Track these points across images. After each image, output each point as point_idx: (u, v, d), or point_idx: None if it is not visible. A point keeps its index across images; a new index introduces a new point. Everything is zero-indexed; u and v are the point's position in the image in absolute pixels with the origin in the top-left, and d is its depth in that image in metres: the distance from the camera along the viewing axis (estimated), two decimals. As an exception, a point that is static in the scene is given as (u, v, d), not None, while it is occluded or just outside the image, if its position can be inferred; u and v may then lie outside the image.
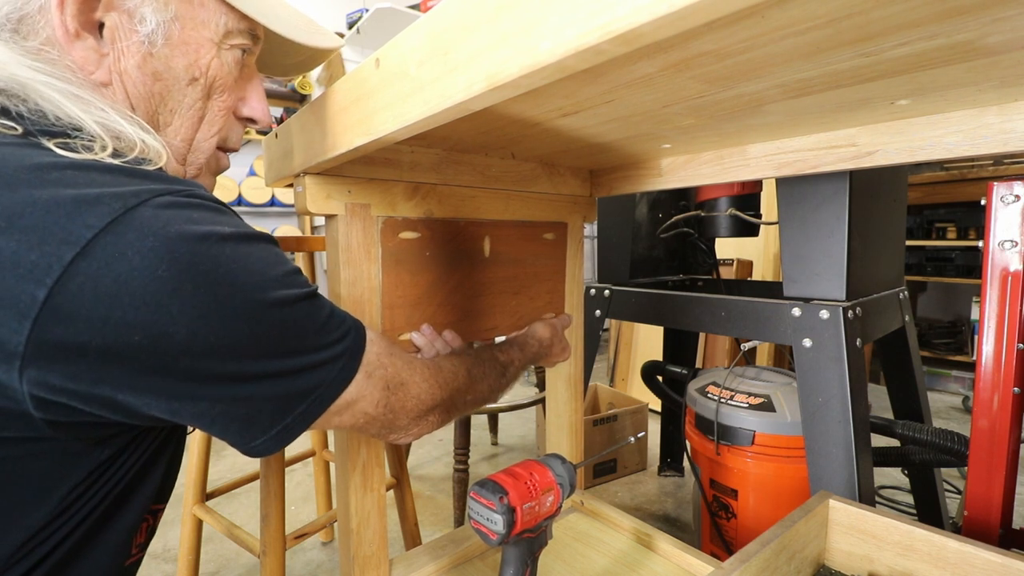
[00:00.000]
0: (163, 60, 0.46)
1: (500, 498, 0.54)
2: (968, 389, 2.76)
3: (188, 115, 0.49)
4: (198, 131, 0.50)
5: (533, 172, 0.85)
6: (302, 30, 0.53)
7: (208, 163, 0.54)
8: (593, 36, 0.26)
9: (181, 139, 0.50)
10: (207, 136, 0.51)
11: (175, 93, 0.47)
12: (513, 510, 0.54)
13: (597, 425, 1.86)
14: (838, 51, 0.39)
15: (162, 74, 0.46)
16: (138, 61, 0.45)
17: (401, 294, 0.71)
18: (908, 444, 1.02)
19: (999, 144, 0.55)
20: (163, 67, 0.46)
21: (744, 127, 0.64)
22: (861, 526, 0.63)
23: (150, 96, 0.46)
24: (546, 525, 0.59)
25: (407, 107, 0.40)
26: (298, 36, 0.52)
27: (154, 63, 0.45)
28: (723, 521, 1.13)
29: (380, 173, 0.67)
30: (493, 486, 0.55)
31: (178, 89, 0.47)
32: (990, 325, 0.77)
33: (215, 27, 0.47)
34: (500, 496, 0.54)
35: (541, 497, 0.57)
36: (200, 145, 0.51)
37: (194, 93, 0.48)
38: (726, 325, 1.00)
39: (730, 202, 1.30)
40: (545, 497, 0.57)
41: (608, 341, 3.06)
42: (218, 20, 0.47)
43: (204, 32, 0.47)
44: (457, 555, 0.83)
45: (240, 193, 3.41)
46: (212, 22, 0.47)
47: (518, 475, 0.57)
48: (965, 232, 2.73)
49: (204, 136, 0.51)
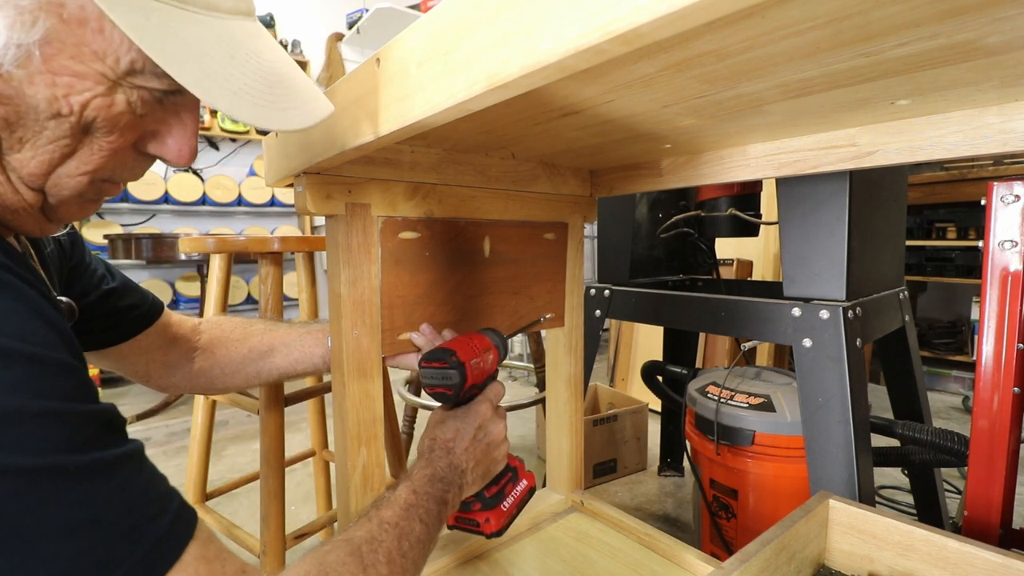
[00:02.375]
0: (13, 83, 0.35)
1: (451, 356, 0.60)
2: (968, 389, 2.76)
3: (46, 149, 0.38)
4: (61, 166, 0.40)
5: (533, 172, 0.85)
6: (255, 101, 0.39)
7: (83, 193, 0.42)
8: (594, 36, 0.26)
9: (30, 172, 0.39)
10: (73, 173, 0.40)
11: (28, 123, 0.37)
12: (464, 364, 0.61)
13: (597, 425, 1.86)
14: (838, 51, 0.39)
15: (10, 99, 0.36)
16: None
17: (401, 294, 0.71)
18: (908, 444, 1.02)
19: (999, 144, 0.55)
20: (12, 92, 0.35)
21: (744, 127, 0.64)
22: (861, 526, 0.63)
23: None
24: (489, 383, 0.67)
25: (407, 107, 0.40)
26: (240, 112, 0.38)
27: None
28: (723, 521, 1.13)
29: (380, 173, 0.67)
30: (441, 351, 0.62)
31: (33, 120, 0.37)
32: (990, 325, 0.77)
33: (112, 61, 0.37)
34: (451, 355, 0.61)
35: (483, 355, 0.64)
36: (64, 181, 0.40)
37: (58, 129, 0.37)
38: (726, 325, 1.00)
39: (730, 202, 1.30)
40: (486, 355, 0.65)
41: (608, 341, 3.06)
42: (120, 53, 0.37)
43: (92, 64, 0.36)
44: (457, 555, 0.83)
45: (240, 193, 3.41)
46: (109, 54, 0.36)
47: (459, 340, 0.65)
48: (965, 232, 2.73)
49: (69, 172, 0.40)
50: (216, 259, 1.13)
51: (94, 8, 0.35)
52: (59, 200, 0.42)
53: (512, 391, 3.01)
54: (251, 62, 0.40)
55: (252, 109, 0.39)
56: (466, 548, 0.84)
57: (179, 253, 2.97)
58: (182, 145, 0.44)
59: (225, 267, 1.13)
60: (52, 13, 0.34)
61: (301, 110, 0.43)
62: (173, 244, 2.93)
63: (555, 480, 1.02)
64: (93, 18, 0.35)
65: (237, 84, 0.39)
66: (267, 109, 0.40)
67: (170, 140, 0.43)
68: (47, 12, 0.34)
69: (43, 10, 0.34)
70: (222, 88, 0.38)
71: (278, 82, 0.42)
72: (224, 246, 1.09)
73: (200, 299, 3.18)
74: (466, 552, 0.84)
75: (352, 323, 0.65)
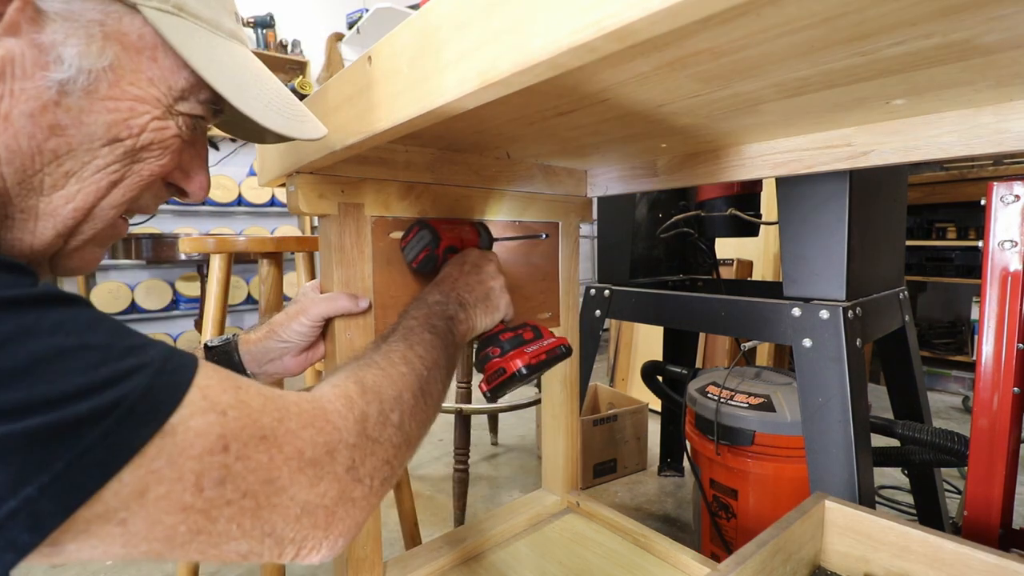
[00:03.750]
0: (73, 114, 0.35)
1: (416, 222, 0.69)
2: (968, 389, 2.75)
3: (94, 179, 0.38)
4: (106, 197, 0.39)
5: (528, 172, 0.84)
6: (280, 113, 0.43)
7: (100, 234, 0.41)
8: (586, 33, 0.26)
9: (74, 207, 0.38)
10: (115, 203, 0.40)
11: (79, 153, 0.36)
12: (432, 225, 0.68)
13: (597, 425, 1.86)
14: (833, 50, 0.39)
15: (66, 129, 0.35)
16: (34, 109, 0.34)
17: (393, 294, 0.70)
18: (908, 444, 1.02)
19: (994, 144, 0.55)
20: (71, 121, 0.35)
21: (740, 127, 0.63)
22: (857, 527, 0.63)
23: (35, 153, 0.35)
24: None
25: (399, 105, 0.40)
26: (273, 122, 0.42)
27: (58, 115, 0.35)
28: (723, 521, 1.13)
29: (374, 172, 0.66)
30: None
31: (85, 149, 0.36)
32: (990, 325, 0.77)
33: (165, 87, 0.38)
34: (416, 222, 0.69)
35: (457, 227, 0.71)
36: (101, 213, 0.39)
37: (111, 155, 0.37)
38: (726, 325, 1.00)
39: (730, 202, 1.29)
40: (461, 227, 0.72)
41: (608, 341, 3.06)
42: (172, 80, 0.38)
43: (149, 90, 0.38)
44: (453, 557, 0.83)
45: (240, 193, 3.41)
46: (163, 81, 0.38)
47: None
48: (965, 232, 2.73)
49: (112, 203, 0.39)
50: (216, 259, 1.13)
51: (151, 37, 0.37)
52: (81, 241, 0.40)
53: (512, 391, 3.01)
54: (270, 80, 0.45)
55: (280, 120, 0.43)
56: (461, 550, 0.84)
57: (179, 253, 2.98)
58: (203, 179, 0.46)
59: (225, 267, 1.13)
60: (116, 41, 0.36)
61: (313, 122, 0.47)
62: (173, 244, 2.93)
63: (551, 481, 1.02)
64: (149, 47, 0.37)
65: (266, 98, 0.42)
66: (291, 120, 0.44)
67: (195, 173, 0.45)
68: (112, 40, 0.36)
69: (109, 39, 0.36)
70: (257, 101, 0.41)
71: (289, 97, 0.45)
72: (224, 246, 1.08)
73: (200, 299, 3.18)
74: (462, 554, 0.84)
75: (345, 324, 0.65)
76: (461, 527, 0.90)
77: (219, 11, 0.41)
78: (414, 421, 0.44)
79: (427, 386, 0.47)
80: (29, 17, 0.33)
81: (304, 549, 0.35)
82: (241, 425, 0.32)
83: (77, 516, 0.26)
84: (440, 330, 0.54)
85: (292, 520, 0.33)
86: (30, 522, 0.24)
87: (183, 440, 0.29)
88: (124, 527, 0.28)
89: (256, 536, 0.32)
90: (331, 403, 0.39)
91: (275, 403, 0.35)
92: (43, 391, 0.25)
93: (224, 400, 0.31)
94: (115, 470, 0.27)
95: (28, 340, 0.26)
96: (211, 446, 0.30)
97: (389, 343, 0.49)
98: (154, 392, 0.29)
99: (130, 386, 0.28)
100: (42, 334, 0.27)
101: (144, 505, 0.28)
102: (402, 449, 0.42)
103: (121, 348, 0.29)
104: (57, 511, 0.25)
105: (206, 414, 0.30)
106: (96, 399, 0.26)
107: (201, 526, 0.30)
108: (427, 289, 0.62)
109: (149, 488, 0.28)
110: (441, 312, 0.57)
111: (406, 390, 0.45)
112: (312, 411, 0.37)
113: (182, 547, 0.30)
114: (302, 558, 0.35)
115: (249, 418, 0.32)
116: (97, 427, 0.26)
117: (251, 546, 0.32)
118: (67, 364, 0.27)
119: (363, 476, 0.38)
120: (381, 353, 0.47)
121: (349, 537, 0.37)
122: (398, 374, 0.45)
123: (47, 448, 0.25)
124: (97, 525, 0.27)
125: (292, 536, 0.34)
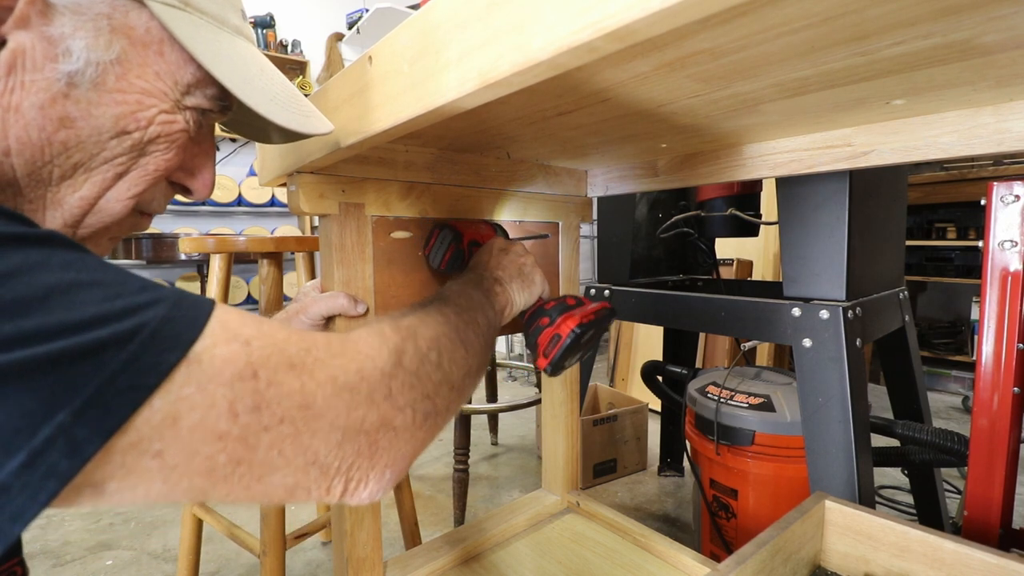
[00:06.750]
0: (82, 106, 0.36)
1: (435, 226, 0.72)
2: (968, 389, 2.75)
3: (100, 171, 0.38)
4: (110, 189, 0.39)
5: (529, 172, 0.84)
6: (286, 108, 0.43)
7: (121, 222, 0.41)
8: (585, 33, 0.26)
9: (80, 197, 0.38)
10: (121, 197, 0.40)
11: (87, 145, 0.37)
12: (451, 225, 0.71)
13: (597, 425, 1.86)
14: (833, 50, 0.39)
15: (75, 121, 0.36)
16: (43, 101, 0.34)
17: (394, 294, 0.70)
18: (908, 444, 1.02)
19: (994, 144, 0.55)
20: (79, 113, 0.36)
21: (740, 127, 0.63)
22: (857, 527, 0.63)
23: (45, 144, 0.35)
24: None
25: (400, 105, 0.40)
26: (278, 116, 0.42)
27: (67, 107, 0.35)
28: (723, 521, 1.13)
29: (374, 172, 0.66)
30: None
31: (94, 141, 0.37)
32: (990, 325, 0.77)
33: (171, 81, 0.39)
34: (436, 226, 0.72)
35: (476, 226, 0.73)
36: (107, 206, 0.40)
37: (118, 147, 0.38)
38: (726, 325, 1.00)
39: (730, 202, 1.29)
40: (478, 226, 0.74)
41: (608, 341, 3.06)
42: (179, 74, 0.39)
43: (156, 83, 0.38)
44: (453, 557, 0.83)
45: (240, 193, 3.41)
46: (169, 74, 0.38)
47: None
48: (965, 232, 2.73)
49: (117, 196, 0.39)
50: (216, 259, 1.13)
51: (158, 31, 0.38)
52: (91, 232, 0.41)
53: (512, 391, 3.01)
54: (276, 76, 0.44)
55: (285, 114, 0.42)
56: (461, 550, 0.84)
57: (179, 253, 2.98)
58: (209, 177, 0.46)
59: (225, 267, 1.13)
60: (123, 35, 0.36)
61: (319, 118, 0.47)
62: (173, 244, 2.93)
63: (551, 481, 1.02)
64: (155, 41, 0.38)
65: (271, 92, 0.42)
66: (297, 115, 0.44)
67: (199, 171, 0.45)
68: (120, 34, 0.36)
69: (117, 32, 0.36)
70: (262, 95, 0.41)
71: (295, 93, 0.45)
72: (224, 246, 1.08)
73: (200, 299, 3.18)
74: (462, 553, 0.84)
75: (346, 323, 0.65)
76: (461, 527, 0.90)
77: (225, 7, 0.41)
78: (454, 364, 0.44)
79: (465, 336, 0.47)
80: (39, 10, 0.34)
81: (352, 482, 0.34)
82: (267, 354, 0.31)
83: (112, 446, 0.25)
84: (476, 299, 0.54)
85: (334, 446, 0.33)
86: (67, 448, 0.24)
87: (210, 367, 0.28)
88: (161, 459, 0.27)
89: (300, 465, 0.31)
90: (363, 338, 0.38)
91: (300, 335, 0.35)
92: (61, 317, 0.25)
93: (246, 332, 0.31)
94: (145, 395, 0.26)
95: (40, 272, 0.25)
96: (240, 371, 0.29)
97: (423, 306, 0.49)
98: (175, 322, 0.28)
99: (149, 315, 0.27)
100: (53, 268, 0.26)
101: (179, 434, 0.27)
102: (443, 388, 0.42)
103: (135, 286, 0.29)
104: (92, 436, 0.25)
105: (230, 343, 0.30)
106: (116, 325, 0.26)
107: (241, 455, 0.29)
108: (458, 276, 0.62)
109: (181, 415, 0.27)
110: (476, 284, 0.57)
111: (444, 335, 0.44)
112: (341, 342, 0.37)
113: (225, 481, 0.29)
114: (351, 493, 0.35)
115: (275, 347, 0.32)
116: (121, 351, 0.26)
117: (296, 478, 0.32)
118: (82, 295, 0.26)
119: (403, 405, 0.37)
120: (415, 310, 0.47)
121: (396, 470, 0.36)
122: (434, 321, 0.45)
123: (73, 372, 0.24)
124: (133, 457, 0.26)
125: (337, 465, 0.33)
